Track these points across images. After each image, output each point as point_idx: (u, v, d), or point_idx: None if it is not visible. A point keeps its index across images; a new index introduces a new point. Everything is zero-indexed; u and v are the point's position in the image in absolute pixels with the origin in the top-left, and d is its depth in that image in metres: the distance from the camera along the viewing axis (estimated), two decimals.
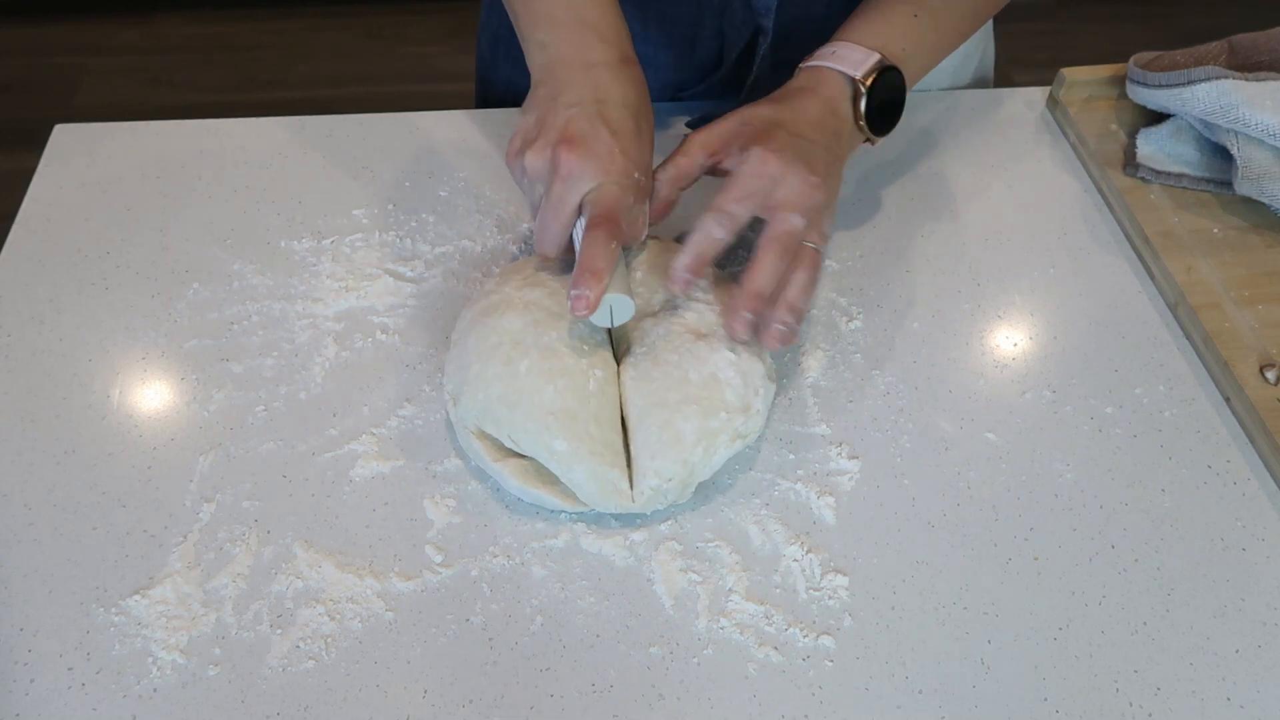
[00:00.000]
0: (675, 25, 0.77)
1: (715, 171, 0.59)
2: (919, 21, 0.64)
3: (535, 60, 0.58)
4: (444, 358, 0.62)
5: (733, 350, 0.56)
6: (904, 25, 0.64)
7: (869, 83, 0.61)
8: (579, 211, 0.55)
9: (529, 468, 0.55)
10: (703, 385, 0.54)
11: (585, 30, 0.57)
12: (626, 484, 0.54)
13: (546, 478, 0.55)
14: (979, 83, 0.87)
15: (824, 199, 0.56)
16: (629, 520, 0.55)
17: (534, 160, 0.54)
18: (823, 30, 0.77)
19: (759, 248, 0.55)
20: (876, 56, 0.61)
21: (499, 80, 0.87)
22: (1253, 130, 0.68)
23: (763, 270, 0.54)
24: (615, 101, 0.55)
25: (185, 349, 0.63)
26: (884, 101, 0.63)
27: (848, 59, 0.61)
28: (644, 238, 0.59)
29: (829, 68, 0.61)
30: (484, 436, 0.55)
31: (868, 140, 0.64)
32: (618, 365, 0.57)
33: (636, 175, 0.55)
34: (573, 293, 0.52)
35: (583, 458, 0.53)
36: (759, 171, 0.55)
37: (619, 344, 0.58)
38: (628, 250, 0.60)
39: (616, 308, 0.54)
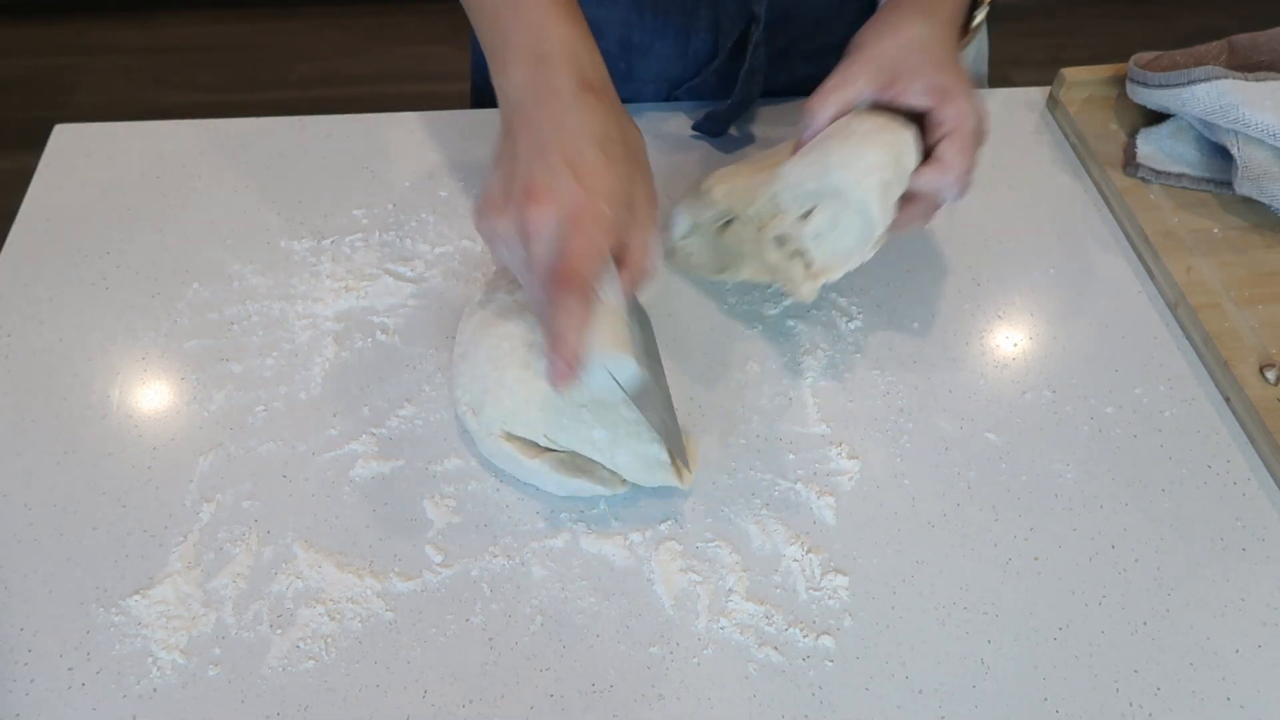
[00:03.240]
0: (669, 15, 0.77)
1: (889, 104, 0.59)
2: None
3: (501, 112, 0.54)
4: (445, 359, 0.62)
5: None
6: None
7: None
8: None
9: (565, 460, 0.56)
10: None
11: (539, 64, 0.52)
12: (667, 456, 0.54)
13: (583, 467, 0.55)
14: (973, 82, 0.86)
15: None
16: (629, 520, 0.56)
17: (503, 224, 0.50)
18: (816, 16, 0.78)
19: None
20: None
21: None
22: (1253, 130, 0.68)
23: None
24: (570, 137, 0.50)
25: (185, 349, 0.63)
26: None
27: None
28: (658, 268, 0.54)
29: None
30: (512, 438, 0.56)
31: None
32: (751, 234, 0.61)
33: (604, 208, 0.49)
34: (546, 364, 0.48)
35: (622, 440, 0.54)
36: (977, 129, 0.58)
37: (737, 253, 0.64)
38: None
39: (615, 369, 0.49)
